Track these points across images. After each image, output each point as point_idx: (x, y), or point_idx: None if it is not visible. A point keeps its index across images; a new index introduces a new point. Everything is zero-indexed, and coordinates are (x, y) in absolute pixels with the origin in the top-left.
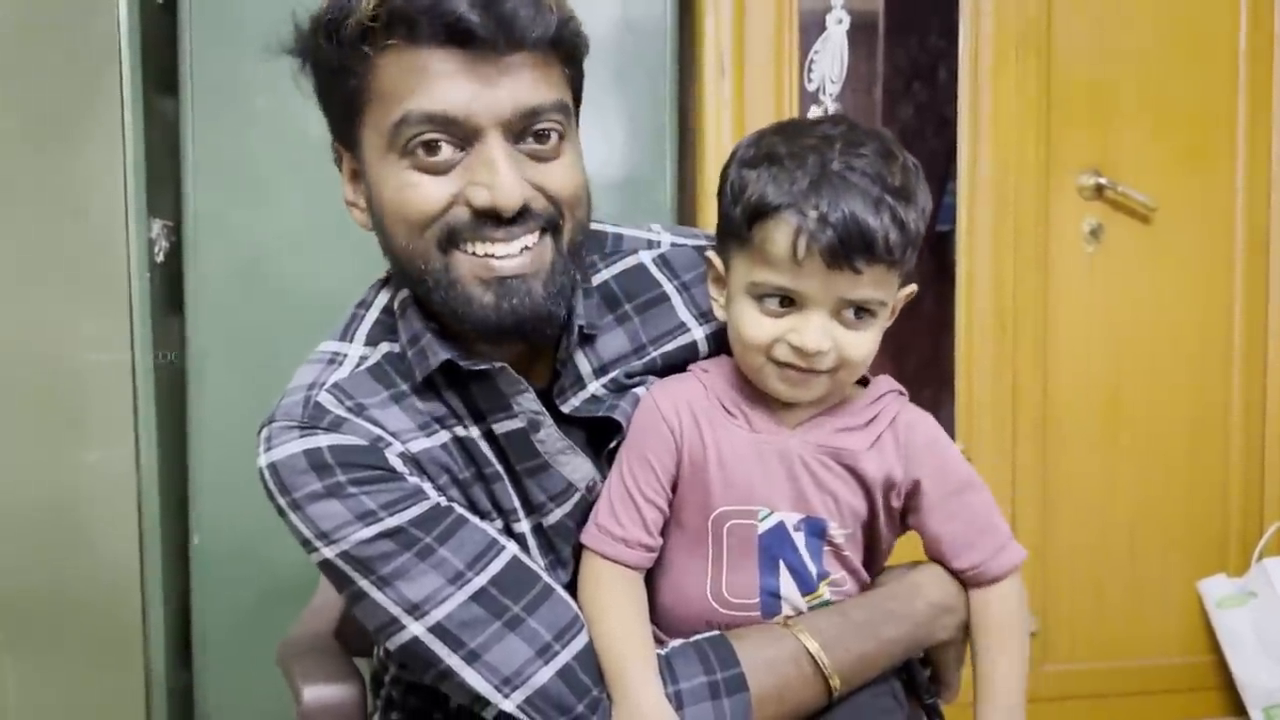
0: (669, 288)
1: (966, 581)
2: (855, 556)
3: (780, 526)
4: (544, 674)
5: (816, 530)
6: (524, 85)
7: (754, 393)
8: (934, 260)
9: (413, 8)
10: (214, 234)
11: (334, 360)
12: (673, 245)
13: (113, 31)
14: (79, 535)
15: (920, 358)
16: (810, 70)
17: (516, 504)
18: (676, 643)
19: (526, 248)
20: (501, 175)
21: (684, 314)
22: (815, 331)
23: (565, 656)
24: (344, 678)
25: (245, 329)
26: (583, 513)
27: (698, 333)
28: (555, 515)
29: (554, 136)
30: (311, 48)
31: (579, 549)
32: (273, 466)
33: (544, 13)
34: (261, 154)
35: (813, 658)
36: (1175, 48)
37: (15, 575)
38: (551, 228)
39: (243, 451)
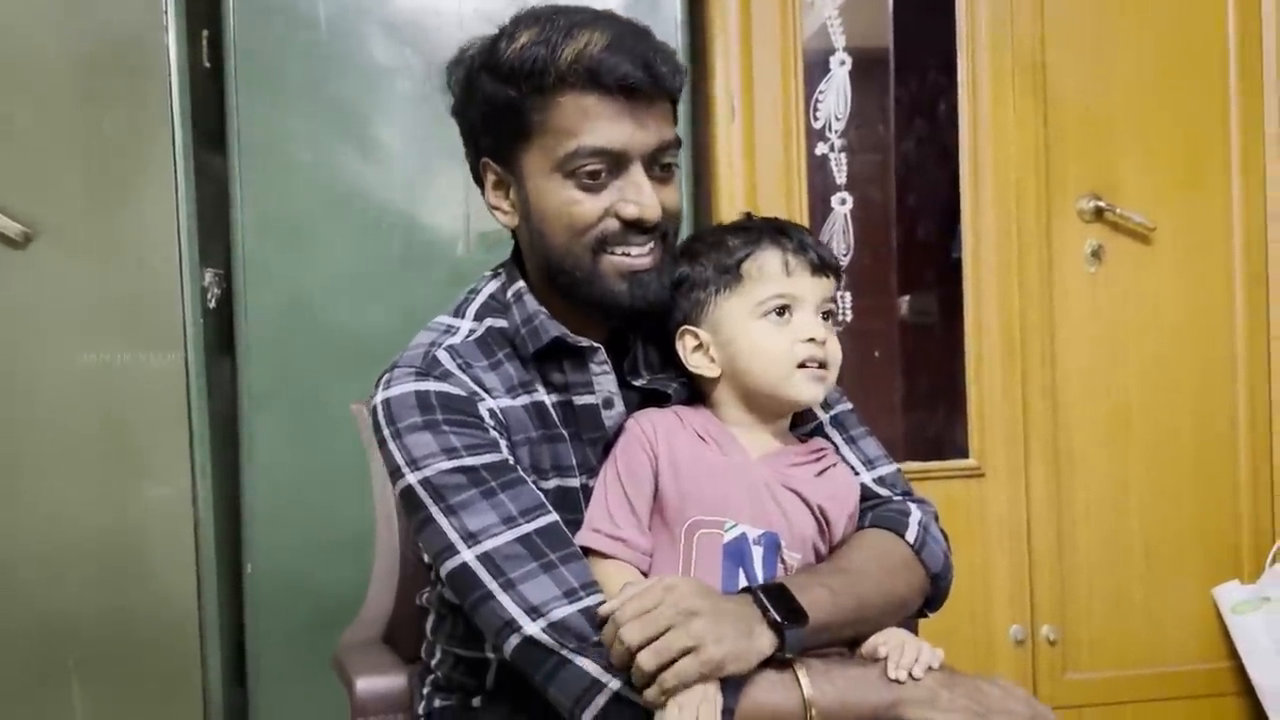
0: None
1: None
2: None
3: (743, 538)
4: (567, 609)
5: (772, 545)
6: (662, 126)
7: (724, 427)
8: (943, 286)
9: (596, 66)
10: (262, 281)
11: (449, 330)
12: None
13: (164, 95)
14: (140, 566)
15: (932, 380)
16: (816, 109)
17: (574, 463)
18: None
19: (653, 248)
20: (647, 195)
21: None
22: (815, 321)
23: (588, 602)
24: (394, 670)
25: (293, 369)
26: None
27: None
28: None
29: (672, 167)
30: (480, 84)
31: None
32: (386, 401)
33: (680, 72)
34: (305, 205)
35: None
36: (1167, 74)
37: (81, 604)
38: (665, 236)
39: (291, 483)
